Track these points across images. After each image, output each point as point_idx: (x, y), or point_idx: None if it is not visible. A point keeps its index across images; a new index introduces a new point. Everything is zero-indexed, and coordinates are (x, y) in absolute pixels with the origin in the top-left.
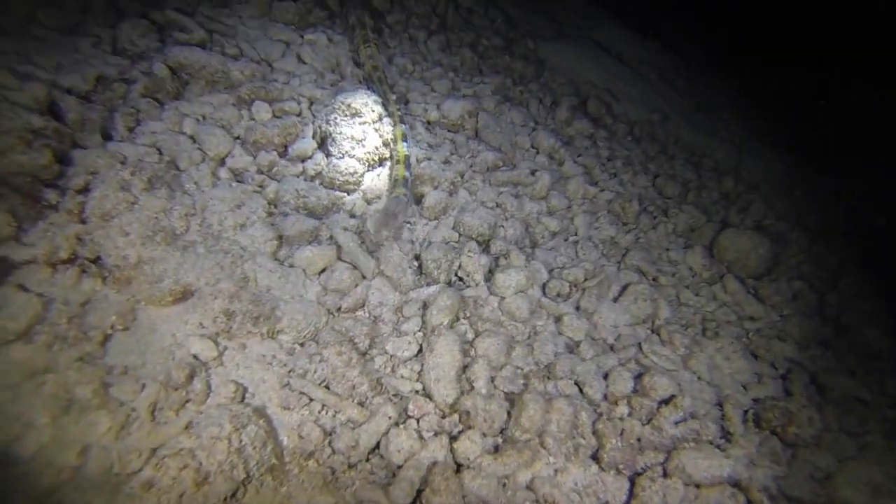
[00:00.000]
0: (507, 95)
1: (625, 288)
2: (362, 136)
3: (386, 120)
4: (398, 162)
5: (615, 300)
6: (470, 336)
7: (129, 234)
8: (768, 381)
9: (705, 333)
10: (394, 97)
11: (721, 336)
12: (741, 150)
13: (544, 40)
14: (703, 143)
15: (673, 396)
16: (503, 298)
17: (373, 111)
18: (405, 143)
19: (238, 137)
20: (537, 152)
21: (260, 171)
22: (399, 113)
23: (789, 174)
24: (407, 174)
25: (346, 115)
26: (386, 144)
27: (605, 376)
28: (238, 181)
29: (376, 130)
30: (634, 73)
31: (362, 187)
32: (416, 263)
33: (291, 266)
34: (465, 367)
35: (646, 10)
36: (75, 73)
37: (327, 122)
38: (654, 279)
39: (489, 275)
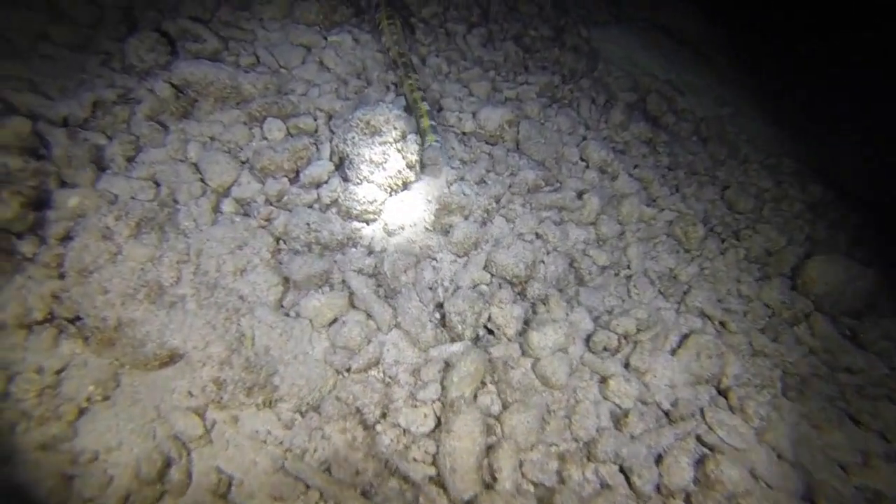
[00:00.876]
0: (555, 96)
1: (685, 338)
2: (383, 159)
3: (411, 137)
4: (422, 116)
5: (673, 352)
6: (496, 409)
7: (108, 293)
8: (878, 461)
9: (787, 394)
10: (415, 77)
11: (808, 396)
12: (832, 146)
13: (599, 26)
14: (782, 140)
15: (746, 493)
16: (537, 360)
17: (395, 129)
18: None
19: (246, 161)
20: (587, 166)
21: (268, 202)
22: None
23: None
24: (432, 122)
25: (365, 134)
26: (410, 166)
27: (658, 460)
28: (243, 214)
29: (399, 151)
30: (701, 60)
31: (383, 216)
32: (438, 315)
33: (297, 316)
34: (488, 450)
35: None
36: (72, 99)
37: (345, 141)
38: (721, 324)
39: (524, 326)
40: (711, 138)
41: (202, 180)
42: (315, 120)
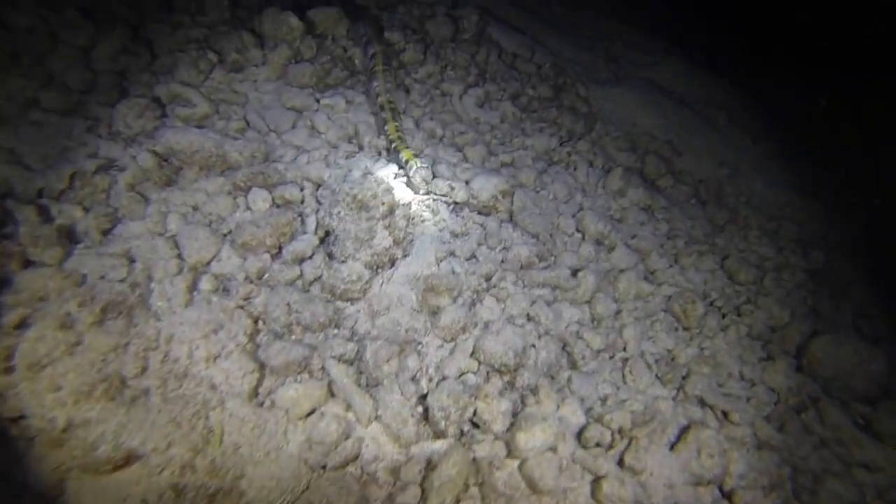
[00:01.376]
0: (552, 159)
1: (684, 431)
2: (369, 236)
3: (399, 212)
4: (402, 150)
5: (671, 447)
6: None
7: (60, 390)
8: None
9: (799, 496)
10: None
11: (823, 499)
12: (833, 208)
13: (598, 85)
14: (782, 202)
15: None
16: (524, 461)
17: (382, 204)
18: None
19: (227, 234)
20: (583, 238)
21: (248, 279)
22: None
23: None
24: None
25: (351, 209)
26: (398, 242)
27: None
28: (221, 292)
29: (386, 227)
30: (700, 118)
31: (368, 295)
32: (421, 409)
33: (272, 406)
34: None
35: (716, 40)
36: (51, 170)
37: (331, 215)
38: (723, 413)
39: (511, 420)
40: (710, 201)
41: (180, 256)
42: (301, 190)
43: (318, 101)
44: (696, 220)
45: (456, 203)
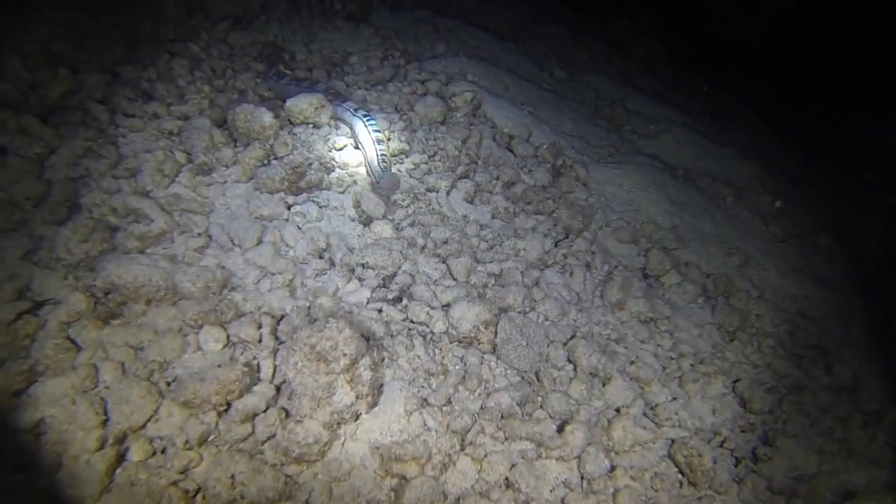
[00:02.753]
0: (547, 262)
1: None
2: (328, 393)
3: (363, 363)
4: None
5: None
6: None
7: None
8: None
9: None
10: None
11: None
12: (856, 302)
13: (599, 165)
14: (798, 294)
15: None
16: None
17: (344, 355)
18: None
19: (170, 384)
20: (575, 371)
21: (188, 445)
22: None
23: None
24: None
25: (309, 360)
26: (361, 397)
27: None
28: (153, 468)
29: (348, 382)
30: (707, 198)
31: (327, 458)
32: None
33: None
34: None
35: (726, 104)
36: None
37: (287, 363)
38: None
39: None
40: (719, 301)
41: (105, 423)
42: (259, 328)
43: (288, 207)
44: (704, 328)
45: (433, 333)
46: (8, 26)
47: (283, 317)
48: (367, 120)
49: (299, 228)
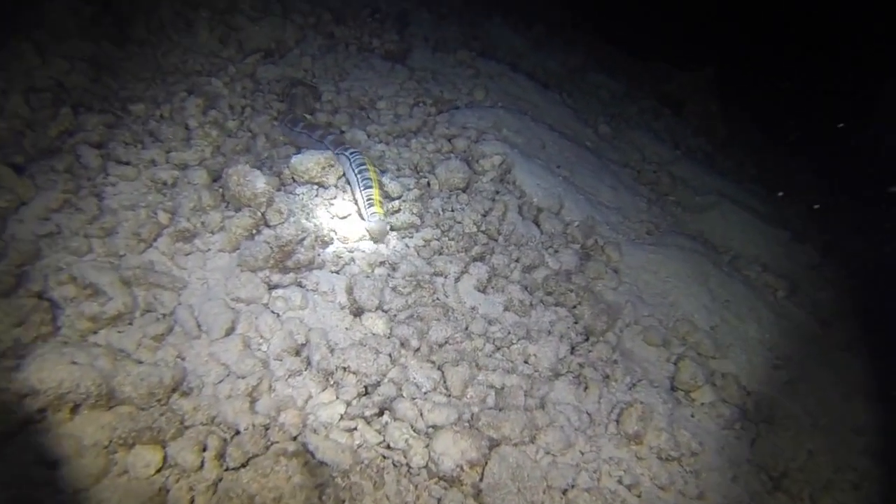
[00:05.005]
0: (559, 371)
1: None
2: None
3: None
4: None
5: None
6: None
7: None
8: None
9: None
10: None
11: None
12: None
13: (634, 246)
14: (867, 426)
15: None
16: None
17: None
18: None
19: None
20: None
21: None
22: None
23: None
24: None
25: None
26: None
27: None
28: None
29: None
30: (754, 294)
31: None
32: None
33: None
34: None
35: (784, 166)
36: None
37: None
38: None
39: None
40: (761, 433)
41: None
42: (204, 450)
43: (269, 290)
44: (740, 469)
45: (409, 467)
46: (28, 59)
47: (235, 435)
48: (354, 156)
49: (278, 317)
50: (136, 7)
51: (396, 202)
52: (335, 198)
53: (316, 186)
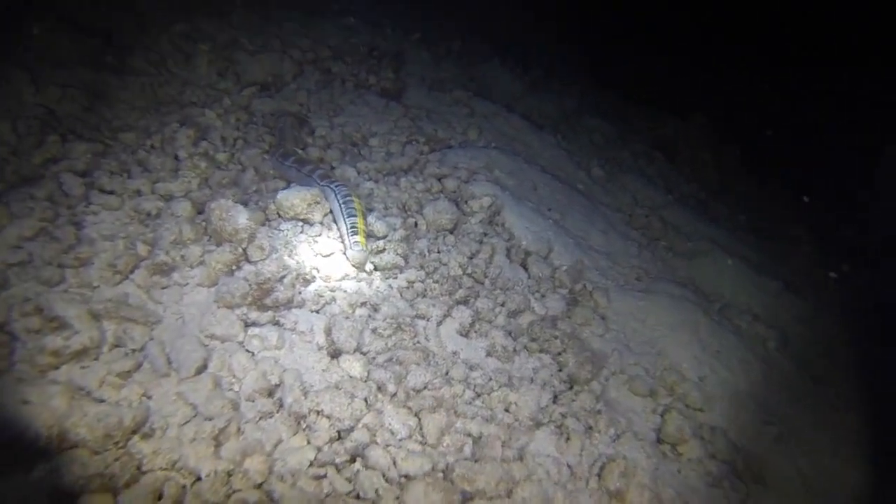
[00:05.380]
0: (540, 421)
1: None
2: None
3: None
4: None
5: None
6: None
7: None
8: None
9: None
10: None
11: None
12: None
13: (623, 292)
14: (866, 493)
15: None
16: None
17: None
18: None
19: None
20: None
21: None
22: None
23: None
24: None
25: None
26: None
27: None
28: None
29: None
30: (744, 344)
31: None
32: None
33: None
34: None
35: (778, 214)
36: None
37: None
38: None
39: None
40: (751, 493)
41: None
42: (159, 498)
43: (246, 328)
44: None
45: None
46: (21, 87)
47: (196, 482)
48: (339, 188)
49: (252, 356)
50: (137, 40)
51: (381, 242)
52: (320, 235)
53: (301, 223)
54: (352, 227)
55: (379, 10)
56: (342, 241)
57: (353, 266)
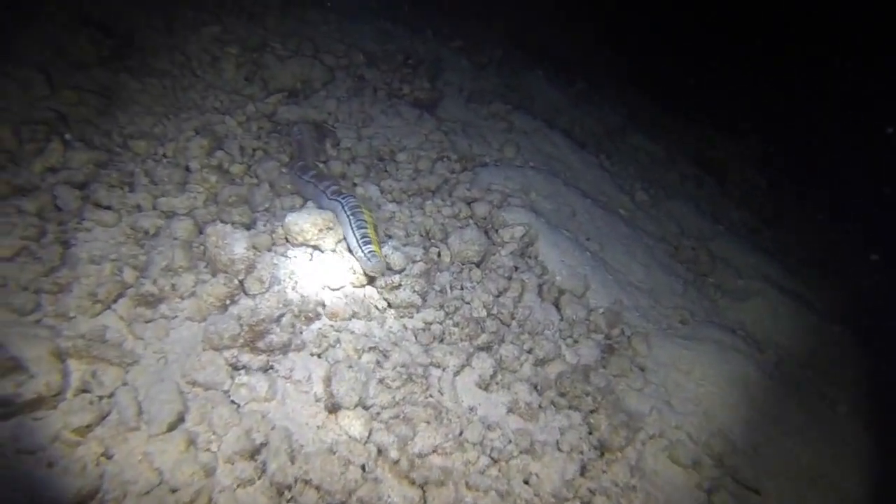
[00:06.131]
0: (563, 499)
1: None
2: None
3: None
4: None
5: None
6: None
7: None
8: None
9: None
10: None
11: None
12: None
13: (665, 338)
14: None
15: None
16: None
17: None
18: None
19: None
20: None
21: None
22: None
23: None
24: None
25: None
26: None
27: None
28: None
29: None
30: (806, 403)
31: None
32: None
33: None
34: None
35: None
36: None
37: None
38: None
39: None
40: None
41: None
42: None
43: (232, 375)
44: None
45: None
46: (36, 89)
47: None
48: (347, 200)
49: (238, 409)
50: (163, 42)
51: (398, 277)
52: (330, 265)
53: (311, 250)
54: (363, 238)
55: (418, 16)
56: (354, 255)
57: (370, 274)
